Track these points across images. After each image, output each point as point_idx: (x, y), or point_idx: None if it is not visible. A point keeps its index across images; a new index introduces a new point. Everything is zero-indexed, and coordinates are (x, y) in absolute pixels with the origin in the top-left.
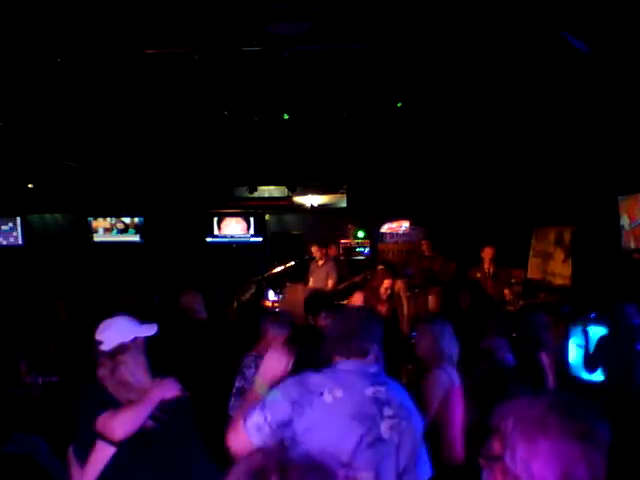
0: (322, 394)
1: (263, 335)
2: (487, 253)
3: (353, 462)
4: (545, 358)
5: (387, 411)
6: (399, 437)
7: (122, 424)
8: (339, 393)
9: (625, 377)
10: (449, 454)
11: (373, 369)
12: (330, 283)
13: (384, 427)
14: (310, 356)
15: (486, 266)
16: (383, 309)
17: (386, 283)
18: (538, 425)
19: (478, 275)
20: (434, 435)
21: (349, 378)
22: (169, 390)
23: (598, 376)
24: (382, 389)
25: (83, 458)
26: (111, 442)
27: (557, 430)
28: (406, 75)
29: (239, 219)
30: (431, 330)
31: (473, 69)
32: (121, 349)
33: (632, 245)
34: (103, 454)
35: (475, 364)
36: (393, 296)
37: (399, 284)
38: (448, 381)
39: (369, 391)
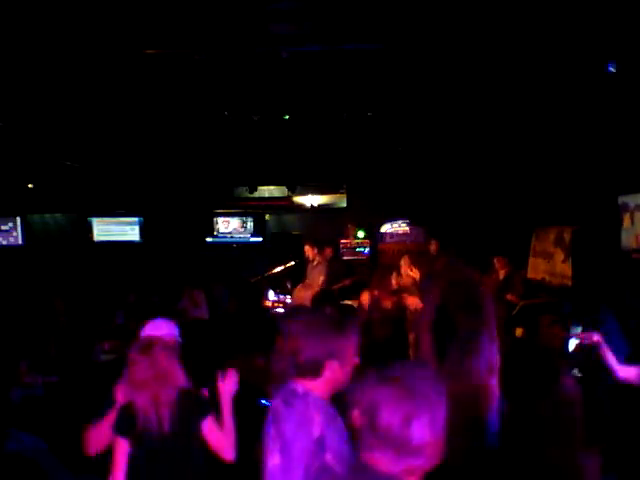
0: None
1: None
2: (497, 262)
3: None
4: None
5: (269, 427)
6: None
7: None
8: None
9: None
10: None
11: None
12: (320, 281)
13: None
14: None
15: (498, 274)
16: (389, 304)
17: (404, 267)
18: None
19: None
20: None
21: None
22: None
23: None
24: (281, 404)
25: None
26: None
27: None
28: (406, 75)
29: (239, 219)
30: None
31: (474, 70)
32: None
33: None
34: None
35: None
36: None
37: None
38: None
39: (279, 399)
